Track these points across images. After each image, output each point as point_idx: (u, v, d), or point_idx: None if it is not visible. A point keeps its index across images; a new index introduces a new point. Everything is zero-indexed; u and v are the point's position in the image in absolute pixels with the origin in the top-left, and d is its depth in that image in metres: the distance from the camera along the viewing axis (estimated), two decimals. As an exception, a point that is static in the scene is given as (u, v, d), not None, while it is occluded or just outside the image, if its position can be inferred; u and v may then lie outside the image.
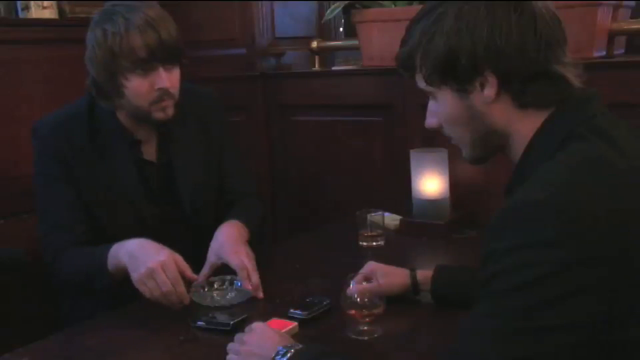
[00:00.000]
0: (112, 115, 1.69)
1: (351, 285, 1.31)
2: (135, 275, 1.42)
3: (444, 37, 1.01)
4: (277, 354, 1.10)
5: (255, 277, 1.53)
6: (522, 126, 1.03)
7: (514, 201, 0.91)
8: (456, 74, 1.02)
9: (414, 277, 1.42)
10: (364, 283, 1.34)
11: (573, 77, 1.01)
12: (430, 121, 1.11)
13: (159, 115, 1.63)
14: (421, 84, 1.08)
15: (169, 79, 1.60)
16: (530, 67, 0.99)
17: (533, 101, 1.01)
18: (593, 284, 0.85)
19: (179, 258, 1.45)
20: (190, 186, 1.77)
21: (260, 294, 1.52)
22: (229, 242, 1.61)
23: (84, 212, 1.66)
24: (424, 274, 1.42)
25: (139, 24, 1.54)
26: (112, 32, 1.55)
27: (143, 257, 1.43)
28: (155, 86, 1.59)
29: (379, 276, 1.40)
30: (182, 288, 1.42)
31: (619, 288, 0.86)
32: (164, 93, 1.61)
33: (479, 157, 1.12)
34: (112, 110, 1.68)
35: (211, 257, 1.62)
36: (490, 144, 1.08)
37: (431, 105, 1.10)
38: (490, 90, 1.01)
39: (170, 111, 1.65)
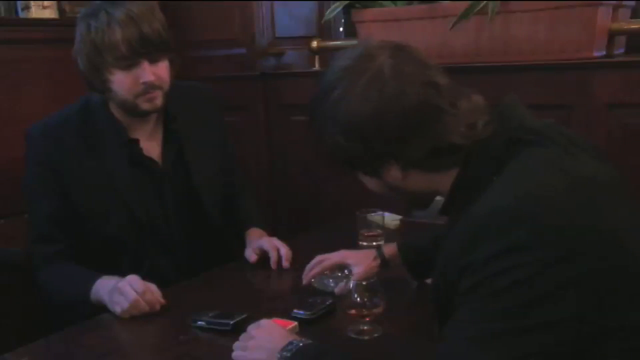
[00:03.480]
0: (107, 114, 1.69)
1: (351, 285, 1.31)
2: (115, 309, 1.45)
3: (335, 136, 1.05)
4: (289, 344, 1.11)
5: (284, 250, 1.69)
6: (445, 180, 1.06)
7: (481, 211, 0.93)
8: (358, 167, 1.09)
9: (382, 257, 1.50)
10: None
11: (465, 138, 1.02)
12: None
13: (145, 105, 1.63)
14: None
15: (153, 72, 1.60)
16: (425, 151, 1.02)
17: (443, 165, 1.05)
18: (571, 281, 0.86)
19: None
20: (207, 184, 1.79)
21: (287, 264, 1.68)
22: (264, 236, 1.80)
23: (72, 220, 1.66)
24: (390, 250, 1.51)
25: (121, 19, 1.54)
26: (95, 27, 1.56)
27: (113, 287, 1.47)
28: (140, 80, 1.59)
29: (353, 265, 1.50)
30: (150, 296, 1.44)
31: (596, 283, 0.87)
32: (149, 86, 1.60)
33: (420, 208, 1.18)
34: (107, 107, 1.68)
35: (252, 244, 1.75)
36: (423, 199, 1.15)
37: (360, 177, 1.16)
38: (396, 173, 1.06)
39: (159, 101, 1.64)
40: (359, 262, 1.50)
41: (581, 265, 0.86)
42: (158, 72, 1.61)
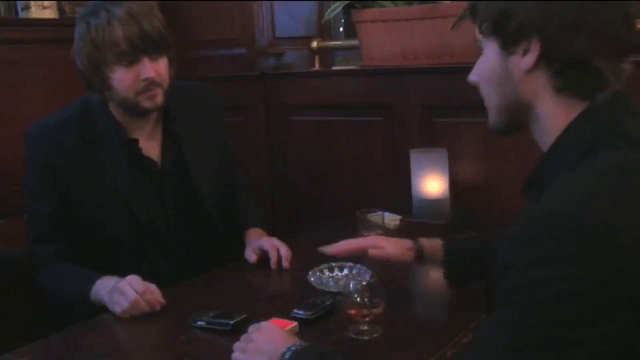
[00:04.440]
0: (106, 114, 1.69)
1: (351, 285, 1.31)
2: (115, 309, 1.45)
3: None
4: (287, 350, 1.10)
5: (284, 250, 1.69)
6: (551, 112, 1.02)
7: (539, 211, 0.89)
8: (505, 30, 1.02)
9: (419, 247, 1.44)
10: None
11: (614, 78, 0.99)
12: (472, 74, 1.13)
13: (147, 104, 1.64)
14: (476, 32, 1.10)
15: (154, 68, 1.61)
16: (574, 52, 0.98)
17: (567, 87, 1.00)
18: (619, 300, 0.83)
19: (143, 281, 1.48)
20: (207, 184, 1.80)
21: (287, 264, 1.68)
22: (264, 236, 1.80)
23: (72, 221, 1.66)
24: (429, 243, 1.45)
25: (121, 17, 1.56)
26: (95, 25, 1.57)
27: (113, 287, 1.47)
28: (141, 77, 1.60)
29: (385, 244, 1.45)
30: (150, 296, 1.44)
31: None
32: (150, 83, 1.61)
33: (501, 126, 1.11)
34: (106, 107, 1.69)
35: (252, 244, 1.75)
36: (515, 115, 1.07)
37: (478, 61, 1.11)
38: (529, 58, 1.00)
39: (159, 99, 1.65)
40: (394, 245, 1.46)
41: (629, 289, 0.83)
42: (158, 69, 1.62)
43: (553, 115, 1.02)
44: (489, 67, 1.08)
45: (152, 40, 1.59)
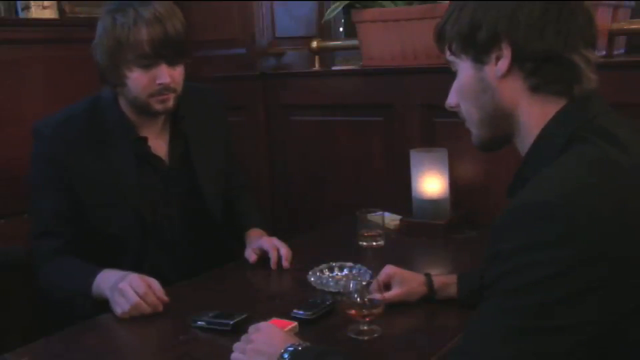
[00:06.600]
0: (116, 111, 1.69)
1: (351, 285, 1.31)
2: (115, 309, 1.45)
3: (473, 8, 1.05)
4: (285, 351, 1.11)
5: (283, 250, 1.69)
6: (530, 114, 1.04)
7: (518, 203, 0.92)
8: (475, 42, 1.04)
9: (430, 285, 1.43)
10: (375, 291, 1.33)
11: (588, 69, 1.02)
12: (449, 99, 1.14)
13: (158, 106, 1.65)
14: (447, 54, 1.12)
15: (171, 74, 1.62)
16: (545, 48, 1.00)
17: (543, 85, 1.02)
18: (600, 282, 0.85)
19: (145, 277, 1.48)
20: (211, 184, 1.80)
21: (287, 264, 1.69)
22: (264, 236, 1.81)
23: (76, 217, 1.66)
24: (440, 280, 1.44)
25: (148, 18, 1.56)
26: (121, 23, 1.57)
27: (115, 283, 1.47)
28: (157, 81, 1.61)
29: (396, 283, 1.42)
30: (152, 298, 1.44)
31: (625, 286, 0.86)
32: (164, 88, 1.62)
33: (486, 141, 1.12)
34: (117, 104, 1.69)
35: (252, 244, 1.76)
36: (497, 126, 1.09)
37: (454, 83, 1.13)
38: (503, 63, 1.02)
39: (170, 104, 1.66)
40: (403, 283, 1.43)
41: (609, 270, 0.85)
42: (174, 75, 1.64)
43: (531, 119, 1.04)
44: (464, 82, 1.10)
45: (174, 46, 1.60)
